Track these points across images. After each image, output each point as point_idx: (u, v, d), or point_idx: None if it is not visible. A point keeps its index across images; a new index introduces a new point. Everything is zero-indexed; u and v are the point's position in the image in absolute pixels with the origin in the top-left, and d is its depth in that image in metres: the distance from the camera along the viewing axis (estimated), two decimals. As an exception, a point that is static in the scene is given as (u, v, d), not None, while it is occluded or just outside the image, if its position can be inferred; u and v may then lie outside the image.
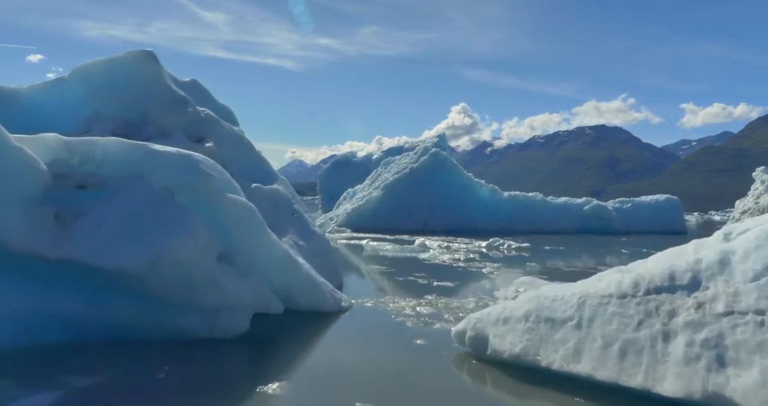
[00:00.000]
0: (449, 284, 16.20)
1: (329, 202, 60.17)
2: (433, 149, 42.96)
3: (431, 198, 41.79)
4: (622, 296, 8.01)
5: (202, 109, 13.60)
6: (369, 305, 12.65)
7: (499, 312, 8.94)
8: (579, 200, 51.27)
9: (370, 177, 46.24)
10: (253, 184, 13.47)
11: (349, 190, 48.59)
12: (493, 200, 45.05)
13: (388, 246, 25.94)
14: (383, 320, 11.20)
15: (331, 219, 38.88)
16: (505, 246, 29.77)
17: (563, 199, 50.74)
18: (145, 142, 9.37)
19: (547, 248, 31.42)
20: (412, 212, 40.77)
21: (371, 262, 21.64)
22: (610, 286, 8.31)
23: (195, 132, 12.80)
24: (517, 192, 47.14)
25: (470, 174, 45.18)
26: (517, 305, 8.92)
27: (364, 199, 40.18)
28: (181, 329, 8.71)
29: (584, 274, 20.86)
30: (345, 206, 41.98)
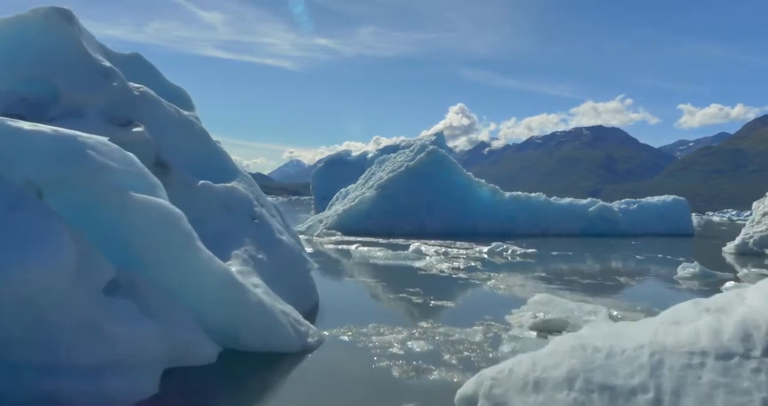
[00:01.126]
0: (449, 303, 13.22)
1: (322, 202, 57.24)
2: (431, 146, 39.95)
3: (428, 198, 38.79)
4: (725, 356, 5.03)
5: (137, 86, 10.61)
6: (345, 338, 9.62)
7: (527, 371, 5.94)
8: (584, 201, 48.36)
9: (363, 176, 43.18)
10: (201, 182, 10.49)
11: (342, 190, 45.56)
12: (494, 201, 42.08)
13: (379, 253, 22.94)
14: (361, 367, 8.18)
15: (320, 221, 35.84)
16: (509, 252, 26.79)
17: (567, 199, 47.79)
18: (4, 118, 6.36)
19: (554, 253, 28.48)
20: (408, 213, 37.74)
21: (358, 273, 18.63)
22: (700, 336, 5.33)
23: (121, 113, 9.80)
24: (519, 192, 44.17)
25: (470, 173, 42.19)
26: (552, 361, 5.92)
27: (357, 200, 37.13)
28: (49, 395, 5.71)
29: (603, 287, 17.74)
30: (336, 207, 38.94)
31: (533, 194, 44.68)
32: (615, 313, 12.56)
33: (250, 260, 9.86)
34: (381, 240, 30.90)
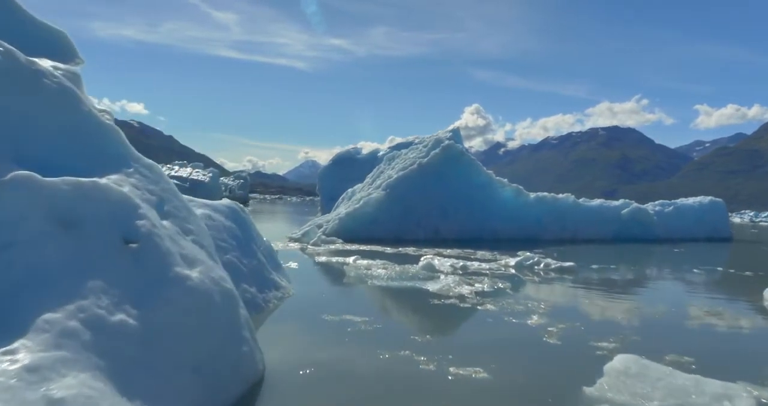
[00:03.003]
0: (478, 371, 8.04)
1: (329, 203, 52.29)
2: (447, 141, 34.72)
3: (443, 200, 33.61)
4: None
5: None
6: None
7: None
8: (616, 203, 42.94)
9: (371, 175, 38.07)
10: (12, 174, 5.46)
11: (348, 190, 40.46)
12: (517, 203, 36.79)
13: (381, 269, 17.82)
14: None
15: (320, 226, 30.70)
16: (541, 266, 21.60)
17: (597, 201, 42.37)
18: None
19: (594, 266, 23.16)
20: (420, 217, 32.57)
21: (347, 304, 13.46)
22: None
23: None
24: (545, 193, 38.85)
25: (490, 171, 36.91)
26: None
27: (361, 202, 31.98)
28: None
29: (692, 329, 10.93)
30: (339, 210, 33.83)
31: (561, 195, 39.36)
32: (756, 393, 7.37)
33: (90, 326, 4.81)
34: (388, 249, 25.81)
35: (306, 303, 12.90)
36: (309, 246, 25.72)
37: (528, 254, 24.78)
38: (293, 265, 18.74)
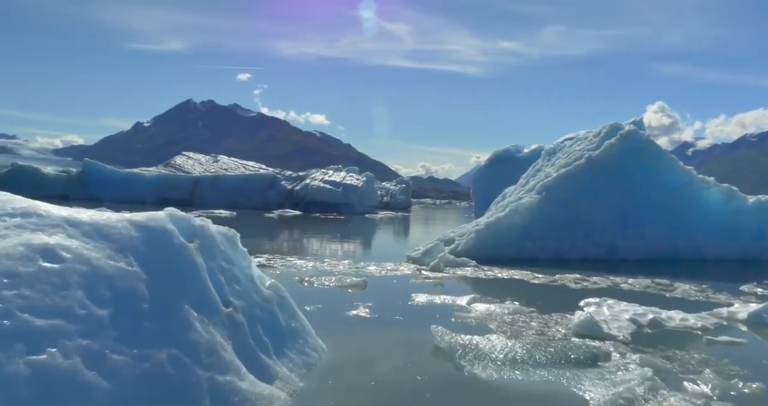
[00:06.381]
0: None
1: (483, 208, 44.21)
2: (627, 128, 25.21)
3: (622, 206, 24.24)
4: None
5: None
6: None
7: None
8: None
9: (525, 175, 29.53)
10: None
11: (501, 194, 32.15)
12: (728, 210, 26.06)
13: (496, 337, 9.63)
14: None
15: (449, 242, 22.90)
16: (800, 321, 12.06)
17: None
18: None
19: None
20: (590, 229, 23.53)
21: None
22: None
23: None
24: (770, 196, 27.52)
25: (690, 167, 26.57)
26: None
27: (507, 209, 23.68)
28: None
29: None
30: (479, 220, 25.79)
31: (794, 199, 27.70)
32: None
33: None
34: (537, 277, 17.43)
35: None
36: (423, 271, 18.08)
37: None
38: (363, 312, 11.36)
